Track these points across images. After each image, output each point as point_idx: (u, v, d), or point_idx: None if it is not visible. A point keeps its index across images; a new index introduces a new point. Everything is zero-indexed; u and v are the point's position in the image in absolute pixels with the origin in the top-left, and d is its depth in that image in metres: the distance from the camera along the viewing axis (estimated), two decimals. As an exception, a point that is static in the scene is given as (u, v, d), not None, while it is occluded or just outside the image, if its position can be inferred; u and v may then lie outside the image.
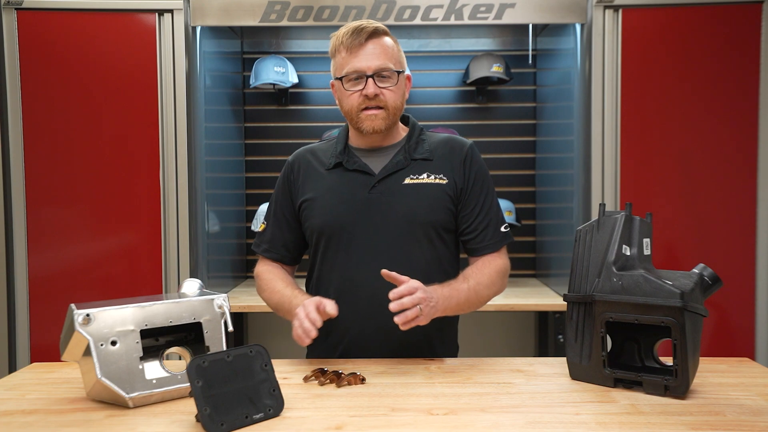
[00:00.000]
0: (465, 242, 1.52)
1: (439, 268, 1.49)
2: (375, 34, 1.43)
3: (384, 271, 1.28)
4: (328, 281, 1.49)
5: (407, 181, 1.47)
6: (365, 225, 1.46)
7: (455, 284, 1.40)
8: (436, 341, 1.50)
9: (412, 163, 1.49)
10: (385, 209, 1.45)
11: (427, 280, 1.45)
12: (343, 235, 1.46)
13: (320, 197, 1.50)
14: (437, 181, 1.48)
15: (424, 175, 1.48)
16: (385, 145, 1.52)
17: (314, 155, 1.56)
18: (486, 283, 1.44)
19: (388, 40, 1.45)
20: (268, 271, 1.56)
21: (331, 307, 1.29)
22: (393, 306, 1.23)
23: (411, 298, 1.24)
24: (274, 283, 1.52)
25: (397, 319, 1.23)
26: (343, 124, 1.59)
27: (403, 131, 1.56)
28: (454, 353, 1.57)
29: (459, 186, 1.49)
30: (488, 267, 1.47)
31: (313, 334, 1.26)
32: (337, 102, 1.51)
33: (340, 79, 1.45)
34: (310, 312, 1.29)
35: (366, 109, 1.43)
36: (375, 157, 1.51)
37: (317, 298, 1.32)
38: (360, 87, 1.42)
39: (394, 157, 1.49)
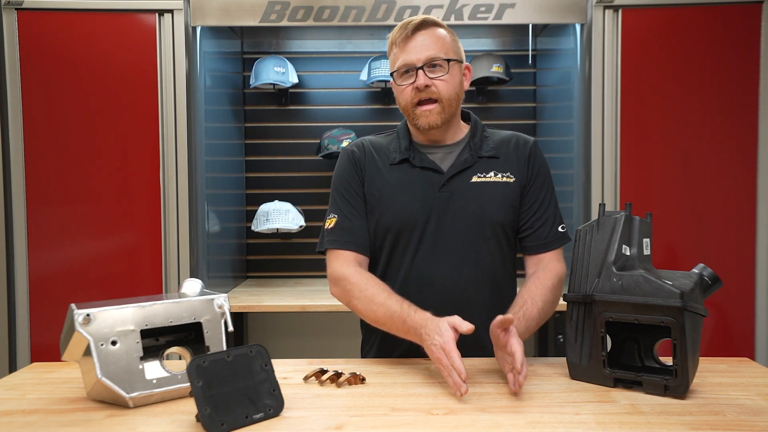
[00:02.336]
0: (520, 239, 1.50)
1: (505, 268, 1.48)
2: (422, 25, 1.42)
3: (500, 319, 1.17)
4: (394, 279, 1.45)
5: (474, 179, 1.45)
6: (435, 223, 1.44)
7: (528, 311, 1.32)
8: None
9: (479, 161, 1.47)
10: (454, 208, 1.44)
11: (493, 280, 1.45)
12: (414, 232, 1.44)
13: (388, 193, 1.46)
14: (505, 179, 1.46)
15: (491, 174, 1.46)
16: (448, 142, 1.50)
17: (374, 148, 1.52)
18: (551, 299, 1.38)
19: (438, 30, 1.43)
20: (357, 274, 1.41)
21: (466, 328, 1.18)
22: (517, 386, 1.14)
23: (525, 371, 1.15)
24: (372, 291, 1.37)
25: (516, 389, 1.14)
26: (343, 124, 1.58)
27: (464, 128, 1.54)
28: None
29: (522, 183, 1.47)
30: (550, 279, 1.40)
31: (465, 389, 1.12)
32: (396, 100, 1.49)
33: (393, 75, 1.44)
34: (454, 361, 1.15)
35: (420, 104, 1.41)
36: (440, 155, 1.49)
37: (450, 331, 1.19)
38: (411, 80, 1.41)
39: (460, 154, 1.48)
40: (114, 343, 1.10)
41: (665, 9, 2.35)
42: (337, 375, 1.23)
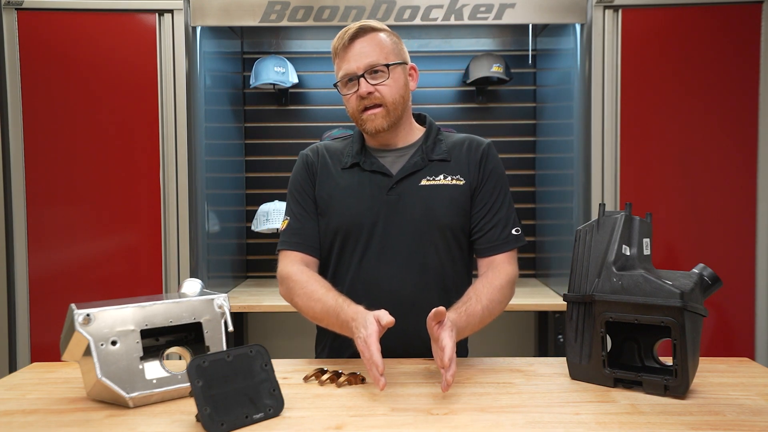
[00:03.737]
0: (472, 242, 1.50)
1: (454, 271, 1.47)
2: (360, 32, 1.41)
3: (435, 311, 1.14)
4: (343, 281, 1.46)
5: (424, 182, 1.45)
6: (383, 226, 1.44)
7: (471, 307, 1.31)
8: None
9: (429, 164, 1.47)
10: (402, 210, 1.44)
11: (441, 283, 1.45)
12: (361, 235, 1.44)
13: (337, 196, 1.47)
14: (454, 182, 1.46)
15: (441, 177, 1.46)
16: (400, 145, 1.50)
17: (329, 152, 1.54)
18: (498, 299, 1.38)
19: (377, 35, 1.42)
20: (300, 272, 1.42)
21: (386, 321, 1.16)
22: (445, 385, 1.12)
23: (454, 369, 1.13)
24: (311, 286, 1.38)
25: (444, 388, 1.12)
26: (343, 124, 1.59)
27: (419, 131, 1.54)
28: (464, 356, 1.57)
29: (473, 186, 1.47)
30: (499, 279, 1.41)
31: (383, 383, 1.11)
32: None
33: (337, 85, 1.46)
34: (372, 355, 1.13)
35: (366, 109, 1.43)
36: (391, 158, 1.49)
37: (374, 324, 1.17)
38: (355, 89, 1.42)
39: (411, 158, 1.48)
40: (114, 343, 1.10)
41: (665, 9, 2.35)
42: (337, 375, 1.23)
